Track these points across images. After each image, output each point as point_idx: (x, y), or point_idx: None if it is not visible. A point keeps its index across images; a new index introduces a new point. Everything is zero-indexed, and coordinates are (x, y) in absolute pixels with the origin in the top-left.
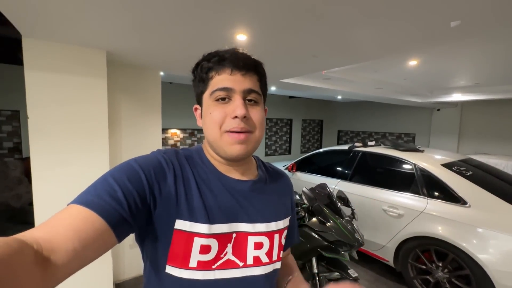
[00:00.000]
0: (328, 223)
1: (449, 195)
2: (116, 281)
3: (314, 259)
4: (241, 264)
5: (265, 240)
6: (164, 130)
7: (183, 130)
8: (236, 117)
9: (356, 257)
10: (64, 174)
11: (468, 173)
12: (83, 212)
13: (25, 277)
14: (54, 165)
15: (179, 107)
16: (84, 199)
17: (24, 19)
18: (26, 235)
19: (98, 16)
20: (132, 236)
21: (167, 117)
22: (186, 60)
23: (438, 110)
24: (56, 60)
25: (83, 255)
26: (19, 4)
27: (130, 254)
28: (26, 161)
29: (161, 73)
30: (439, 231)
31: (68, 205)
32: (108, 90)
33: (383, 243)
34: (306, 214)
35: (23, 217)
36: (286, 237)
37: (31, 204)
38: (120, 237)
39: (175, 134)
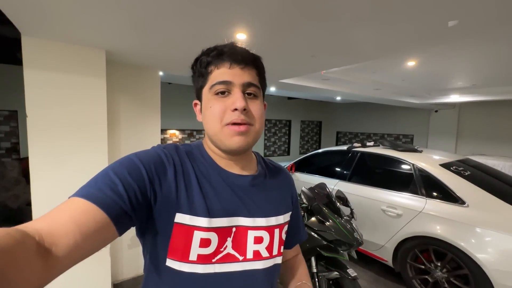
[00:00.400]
0: (327, 223)
1: (447, 195)
2: (114, 282)
3: (313, 259)
4: (240, 258)
5: (265, 235)
6: (163, 131)
7: (182, 130)
8: (235, 109)
9: (355, 257)
10: (62, 174)
11: (466, 173)
12: (84, 205)
13: (26, 267)
14: (52, 165)
15: (178, 107)
16: (85, 192)
17: (23, 17)
18: (27, 226)
19: (97, 14)
20: (130, 236)
21: (166, 118)
22: (185, 60)
23: (436, 111)
24: (55, 59)
25: (84, 247)
26: (19, 2)
27: (128, 254)
28: (24, 162)
29: (161, 73)
30: (438, 230)
31: (69, 198)
32: (107, 90)
33: (382, 243)
34: (305, 213)
35: (20, 218)
36: (292, 234)
37: (28, 204)
38: (121, 230)
39: (174, 134)
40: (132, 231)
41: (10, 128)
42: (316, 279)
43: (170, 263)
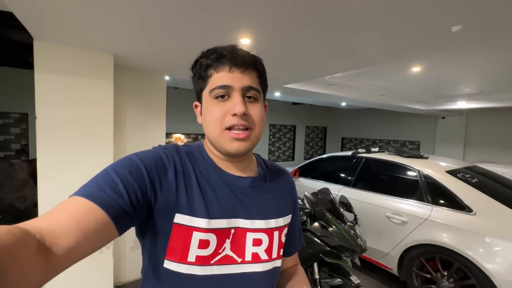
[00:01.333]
0: (330, 228)
1: (454, 202)
2: (116, 284)
3: (315, 265)
4: (239, 260)
5: (264, 237)
6: (168, 135)
7: (187, 135)
8: (235, 114)
9: (359, 263)
10: (68, 175)
11: (474, 180)
12: (85, 204)
13: (27, 265)
14: (59, 165)
15: (183, 112)
16: (86, 191)
17: (36, 22)
18: (28, 224)
19: (106, 20)
20: (133, 238)
21: (172, 122)
22: (191, 64)
23: (443, 118)
24: (65, 62)
25: (84, 246)
26: (32, 9)
27: (131, 256)
28: (32, 163)
29: (167, 78)
30: (444, 239)
31: (70, 197)
32: (114, 93)
33: (387, 250)
34: (308, 218)
35: (27, 218)
36: (289, 242)
37: (35, 205)
38: (121, 230)
39: (179, 138)
40: (134, 233)
41: (20, 130)
42: (319, 286)
43: (168, 264)
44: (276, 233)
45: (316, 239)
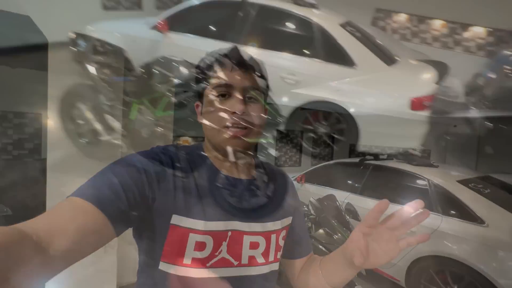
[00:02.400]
0: (335, 236)
1: (465, 213)
2: (120, 284)
3: None
4: (235, 263)
5: (261, 240)
6: (176, 138)
7: (195, 138)
8: (234, 112)
9: (364, 273)
10: (77, 175)
11: (486, 191)
12: (82, 204)
13: (24, 266)
14: (68, 165)
15: (192, 115)
16: (84, 192)
17: (51, 26)
18: (26, 225)
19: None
20: None
21: (180, 125)
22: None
23: (455, 126)
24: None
25: (82, 247)
26: (47, 14)
27: (135, 257)
28: (44, 162)
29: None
30: (455, 251)
31: (67, 197)
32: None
33: (394, 261)
34: (313, 225)
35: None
36: (297, 242)
37: (45, 204)
38: (119, 231)
39: (187, 142)
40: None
41: (34, 130)
42: None
43: (164, 266)
44: (273, 236)
45: (321, 246)
